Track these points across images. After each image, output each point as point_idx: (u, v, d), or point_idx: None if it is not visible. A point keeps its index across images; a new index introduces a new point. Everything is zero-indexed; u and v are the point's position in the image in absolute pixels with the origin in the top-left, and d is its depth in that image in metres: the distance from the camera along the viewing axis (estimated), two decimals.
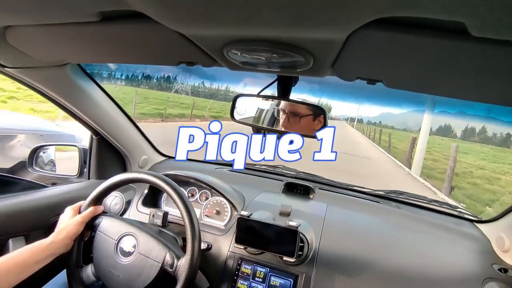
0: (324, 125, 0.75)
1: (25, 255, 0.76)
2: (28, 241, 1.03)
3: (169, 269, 0.79)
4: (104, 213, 0.94)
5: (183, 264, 0.78)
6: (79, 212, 0.91)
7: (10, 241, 0.99)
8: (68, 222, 0.87)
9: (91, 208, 0.91)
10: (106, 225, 0.90)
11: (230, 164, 1.59)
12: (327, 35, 0.44)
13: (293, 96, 0.80)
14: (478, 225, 1.14)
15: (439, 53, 0.44)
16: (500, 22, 0.33)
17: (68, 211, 0.90)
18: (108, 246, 0.86)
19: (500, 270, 0.91)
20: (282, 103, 0.78)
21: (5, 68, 0.85)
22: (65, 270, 0.93)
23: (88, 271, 0.89)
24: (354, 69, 0.60)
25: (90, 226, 0.90)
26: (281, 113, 0.78)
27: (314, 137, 0.77)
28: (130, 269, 0.82)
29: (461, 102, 0.68)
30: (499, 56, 0.41)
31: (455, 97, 0.62)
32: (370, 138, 21.96)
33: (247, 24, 0.43)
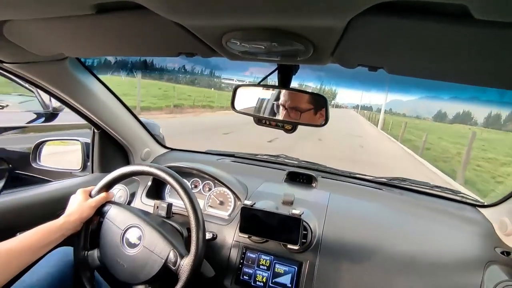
0: (326, 118, 0.75)
1: (38, 236, 0.77)
2: None
3: (172, 267, 0.80)
4: (112, 201, 0.95)
5: (185, 264, 0.79)
6: (91, 196, 0.93)
7: (18, 235, 1.01)
8: (81, 205, 0.88)
9: (103, 194, 0.93)
10: (114, 213, 0.91)
11: (232, 155, 1.60)
12: (327, 22, 0.43)
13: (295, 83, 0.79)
14: (481, 209, 1.15)
15: (441, 37, 0.44)
16: (504, 4, 0.32)
17: (80, 193, 0.92)
18: (114, 235, 0.88)
19: (502, 253, 0.92)
20: (282, 98, 0.77)
21: (4, 64, 0.84)
22: (60, 248, 0.95)
23: (94, 255, 0.92)
24: (355, 56, 0.60)
25: (99, 212, 0.92)
26: (281, 108, 0.77)
27: (316, 126, 0.77)
28: (135, 260, 0.84)
29: (473, 87, 0.67)
30: (503, 39, 0.41)
31: (458, 82, 0.61)
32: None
33: (245, 13, 0.42)
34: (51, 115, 2.70)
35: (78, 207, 0.88)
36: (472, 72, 0.57)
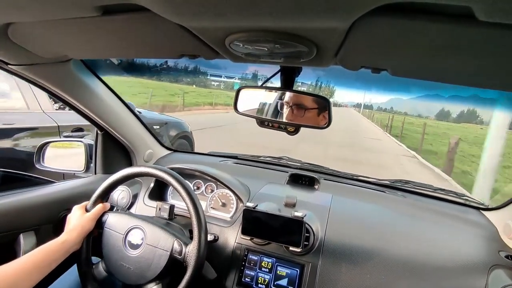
0: (329, 120, 0.75)
1: (42, 255, 0.77)
2: (38, 235, 1.06)
3: (178, 257, 0.81)
4: (109, 210, 0.95)
5: (191, 250, 0.80)
6: (87, 210, 0.92)
7: (21, 236, 1.01)
8: (80, 220, 0.88)
9: (100, 205, 0.92)
10: (113, 221, 0.91)
11: (234, 157, 1.60)
12: (330, 24, 0.43)
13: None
14: (485, 212, 1.14)
15: (445, 39, 0.43)
16: (508, 6, 0.32)
17: (76, 209, 0.91)
18: (116, 241, 0.88)
19: (507, 257, 0.91)
20: (286, 96, 0.77)
21: (9, 66, 0.85)
22: (73, 267, 0.95)
23: (99, 267, 0.91)
24: (358, 58, 0.60)
25: (97, 224, 0.91)
26: (285, 106, 0.77)
27: (319, 128, 0.76)
28: (140, 260, 0.84)
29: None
30: (507, 41, 0.40)
31: (462, 84, 0.61)
32: None
33: (248, 14, 0.42)
34: None
35: (77, 223, 0.87)
36: (476, 74, 0.57)
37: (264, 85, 0.81)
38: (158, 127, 3.63)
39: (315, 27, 0.45)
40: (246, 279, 0.98)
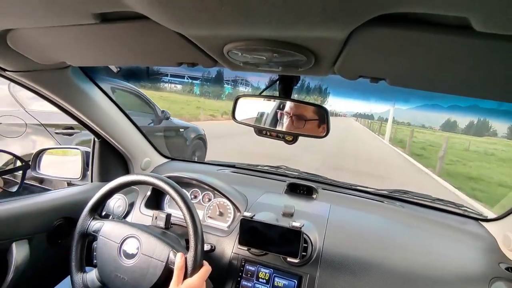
0: (327, 129, 0.75)
1: None
2: (32, 244, 1.03)
3: (173, 267, 0.79)
4: (105, 217, 0.94)
5: (187, 260, 0.78)
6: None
7: (14, 245, 0.99)
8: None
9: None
10: (108, 229, 0.90)
11: (232, 165, 1.59)
12: (328, 34, 0.43)
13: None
14: (484, 223, 1.13)
15: (443, 49, 0.44)
16: (505, 17, 0.32)
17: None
18: (111, 250, 0.86)
19: (507, 269, 0.90)
20: (286, 105, 0.77)
21: (6, 72, 0.85)
22: (66, 279, 0.94)
23: (93, 276, 0.89)
24: (356, 68, 0.60)
25: (93, 231, 0.90)
26: (285, 116, 0.77)
27: (317, 137, 0.76)
28: (135, 270, 0.82)
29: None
30: (504, 52, 0.41)
31: (460, 95, 0.61)
32: None
33: (247, 23, 0.43)
34: (160, 121, 4.22)
35: None
36: (474, 84, 0.57)
37: (262, 94, 0.82)
38: (182, 130, 4.77)
39: (313, 36, 0.45)
40: None
